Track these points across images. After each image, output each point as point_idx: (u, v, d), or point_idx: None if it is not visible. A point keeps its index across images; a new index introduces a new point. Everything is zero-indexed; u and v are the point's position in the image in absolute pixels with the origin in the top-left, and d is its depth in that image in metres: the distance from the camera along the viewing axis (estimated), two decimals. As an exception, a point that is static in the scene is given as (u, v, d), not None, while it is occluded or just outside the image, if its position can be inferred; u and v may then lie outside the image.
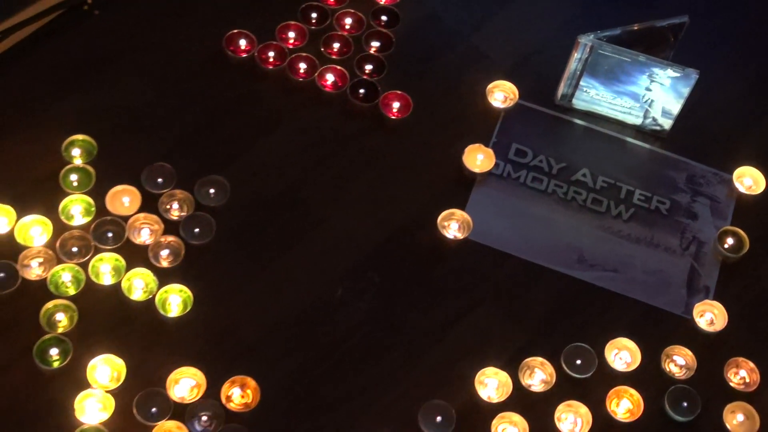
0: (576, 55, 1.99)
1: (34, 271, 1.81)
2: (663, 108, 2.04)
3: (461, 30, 2.19)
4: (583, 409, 1.77)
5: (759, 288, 1.95)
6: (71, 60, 2.05)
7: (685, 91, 1.99)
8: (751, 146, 2.09)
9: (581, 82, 2.03)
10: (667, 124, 2.06)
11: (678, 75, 1.97)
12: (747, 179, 2.04)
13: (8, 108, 1.97)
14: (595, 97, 2.05)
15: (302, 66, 2.07)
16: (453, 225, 1.94)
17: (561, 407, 1.77)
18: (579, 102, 2.08)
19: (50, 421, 1.69)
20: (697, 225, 2.00)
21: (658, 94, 2.02)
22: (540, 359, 1.81)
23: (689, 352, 1.84)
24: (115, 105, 2.01)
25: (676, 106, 2.03)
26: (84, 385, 1.71)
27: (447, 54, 2.16)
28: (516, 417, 1.75)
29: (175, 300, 1.81)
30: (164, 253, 1.85)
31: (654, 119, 2.06)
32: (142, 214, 1.88)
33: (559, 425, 1.76)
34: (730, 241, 1.96)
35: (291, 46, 2.09)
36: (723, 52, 2.21)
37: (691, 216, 2.01)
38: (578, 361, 1.82)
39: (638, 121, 2.08)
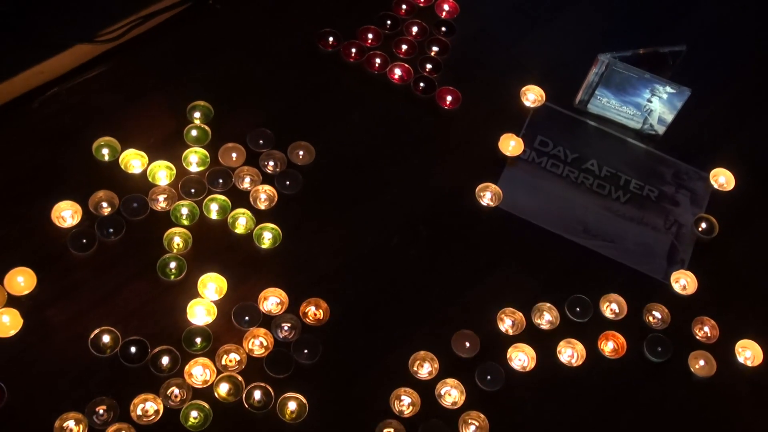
0: (595, 69, 2.02)
1: (160, 204, 1.84)
2: (659, 116, 2.05)
3: (504, 43, 2.19)
4: (579, 346, 1.80)
5: (724, 264, 1.96)
6: (197, 42, 2.06)
7: (679, 104, 2.01)
8: (726, 153, 2.10)
9: (596, 92, 2.05)
10: (661, 129, 2.08)
11: (674, 91, 1.99)
12: (721, 178, 2.06)
13: (147, 77, 1.99)
14: (606, 104, 2.07)
15: (377, 61, 2.08)
16: (487, 195, 1.96)
17: (562, 343, 1.80)
18: (593, 107, 2.09)
19: (167, 320, 1.72)
20: (678, 211, 2.02)
21: (656, 105, 2.03)
22: (548, 305, 1.84)
23: (665, 309, 1.87)
24: (229, 79, 2.02)
25: (670, 116, 2.04)
26: (194, 294, 1.75)
27: (491, 61, 2.16)
28: (527, 347, 1.78)
29: (267, 235, 1.84)
30: (261, 198, 1.88)
31: (651, 125, 2.07)
32: (245, 167, 1.90)
33: (560, 357, 1.79)
34: (703, 225, 1.99)
35: (368, 45, 2.10)
36: (711, 76, 2.21)
37: (674, 203, 2.02)
38: (578, 309, 1.84)
39: (638, 126, 2.09)
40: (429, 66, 2.11)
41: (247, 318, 1.75)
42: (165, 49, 2.04)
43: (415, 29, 2.15)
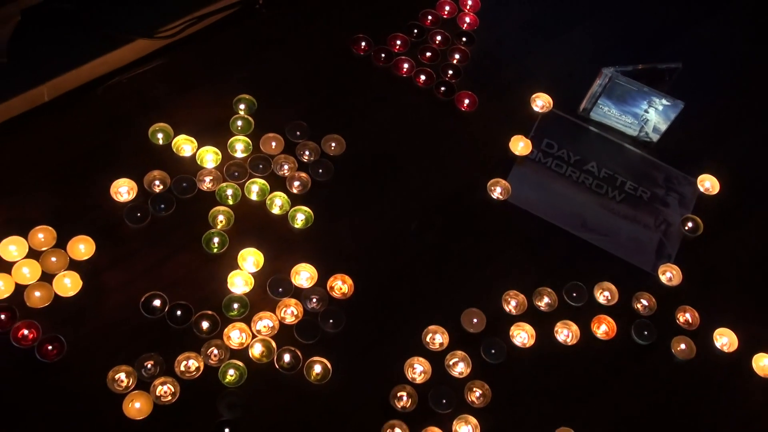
0: (598, 81, 2.02)
1: (206, 184, 1.85)
2: (654, 126, 2.05)
3: (517, 54, 2.19)
4: (574, 327, 1.81)
5: (707, 260, 1.97)
6: (244, 41, 2.07)
7: (673, 115, 2.01)
8: (712, 160, 2.10)
9: (599, 101, 2.04)
10: (655, 137, 2.08)
11: (669, 104, 1.99)
12: (707, 183, 2.06)
13: (198, 71, 2.00)
14: (607, 112, 2.07)
15: (404, 66, 2.08)
16: (497, 189, 1.96)
17: (559, 324, 1.81)
18: (595, 115, 2.09)
19: (209, 288, 1.74)
20: (667, 211, 2.01)
21: (652, 116, 2.03)
22: (548, 289, 1.84)
23: (652, 298, 1.87)
24: (271, 76, 2.02)
25: (664, 126, 2.04)
26: (234, 266, 1.76)
27: (505, 69, 2.16)
28: (527, 326, 1.79)
29: (300, 217, 1.84)
30: (296, 183, 1.88)
31: (647, 133, 2.07)
32: (283, 155, 1.91)
33: (557, 336, 1.80)
34: (690, 224, 1.99)
35: (396, 51, 2.10)
36: (703, 91, 2.19)
37: (664, 204, 2.02)
38: (574, 294, 1.85)
39: (635, 133, 2.09)
40: (450, 72, 2.11)
41: (280, 289, 1.76)
42: (215, 47, 2.04)
43: (438, 38, 2.15)
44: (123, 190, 1.81)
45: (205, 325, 1.70)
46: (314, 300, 1.76)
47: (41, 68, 1.85)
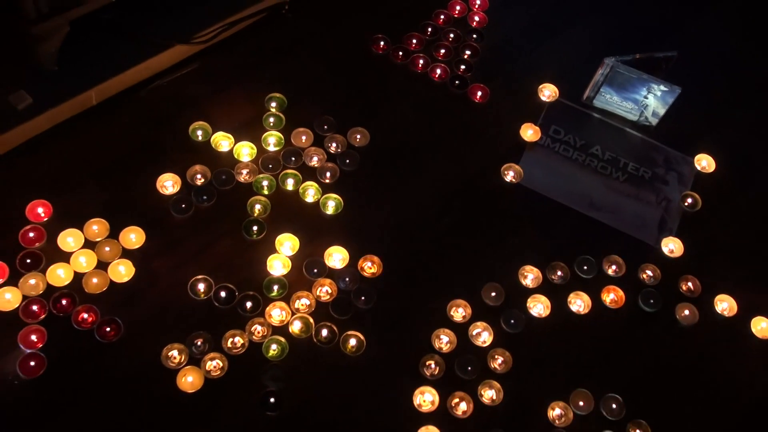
0: (600, 71, 2.02)
1: (243, 177, 1.85)
2: (653, 110, 2.05)
3: (525, 48, 2.19)
4: (586, 297, 1.82)
5: (705, 232, 1.97)
6: (273, 43, 2.06)
7: (670, 100, 2.02)
8: (708, 141, 2.10)
9: (601, 89, 2.05)
10: (654, 121, 2.08)
11: (667, 89, 2.00)
12: (703, 162, 2.07)
13: (232, 72, 2.00)
14: (609, 99, 2.07)
15: (420, 62, 2.09)
16: (510, 173, 1.97)
17: (572, 295, 1.82)
18: (598, 102, 2.09)
19: (250, 271, 1.74)
20: (668, 189, 2.02)
21: (651, 101, 2.04)
22: (561, 263, 1.85)
23: (656, 269, 1.88)
24: (299, 75, 2.02)
25: (662, 110, 2.05)
26: (272, 250, 1.78)
27: (514, 63, 2.16)
28: (543, 298, 1.81)
29: (331, 204, 1.85)
30: (326, 173, 1.89)
31: (646, 117, 2.08)
32: (313, 147, 1.91)
33: (570, 306, 1.81)
34: (689, 200, 2.00)
35: (413, 49, 2.11)
36: (698, 77, 2.19)
37: (664, 182, 2.03)
38: (585, 267, 1.86)
39: (635, 118, 2.09)
40: (463, 67, 2.11)
41: (315, 270, 1.77)
42: (247, 50, 2.04)
43: (451, 36, 2.16)
44: (168, 183, 1.83)
45: (248, 304, 1.71)
46: (347, 279, 1.77)
47: (89, 74, 1.86)
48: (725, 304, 1.88)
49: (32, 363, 1.60)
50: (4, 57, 1.82)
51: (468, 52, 2.14)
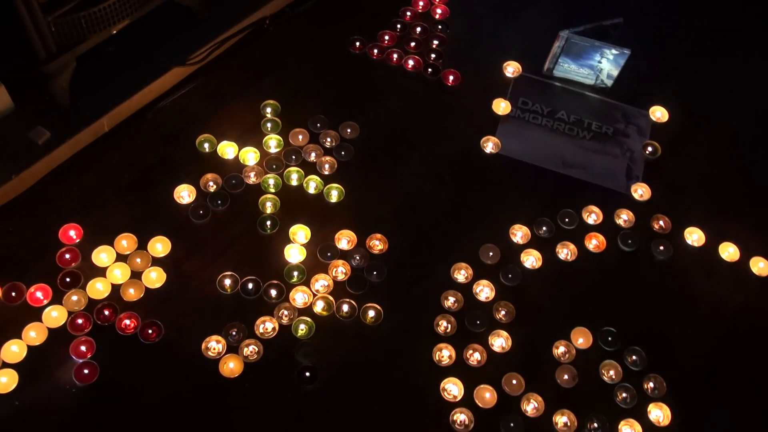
0: (557, 43, 2.03)
1: (251, 179, 1.85)
2: (608, 73, 2.06)
3: (486, 32, 2.19)
4: (572, 246, 1.84)
5: (668, 175, 1.99)
6: (261, 55, 2.05)
7: (621, 62, 2.03)
8: (660, 94, 2.11)
9: (559, 60, 2.06)
10: (610, 83, 2.09)
11: (617, 53, 2.01)
12: (657, 113, 2.08)
13: (227, 86, 1.99)
14: (568, 68, 2.08)
15: (395, 56, 2.08)
16: (489, 145, 1.98)
17: (559, 245, 1.84)
18: (558, 72, 2.10)
19: (271, 262, 1.75)
20: (629, 141, 2.03)
21: (605, 65, 2.05)
22: (545, 219, 1.87)
23: (630, 213, 1.90)
24: (288, 81, 2.02)
25: (615, 72, 2.06)
26: (287, 241, 1.78)
27: (479, 46, 2.16)
28: (534, 252, 1.82)
29: (334, 193, 1.85)
30: (325, 165, 1.89)
31: (602, 80, 2.09)
32: (310, 145, 1.91)
33: (558, 256, 1.82)
34: (649, 149, 2.01)
35: (386, 45, 2.11)
36: (644, 39, 2.20)
37: (626, 136, 2.04)
38: (567, 219, 1.87)
39: (592, 82, 2.10)
40: (433, 55, 2.11)
41: (329, 254, 1.78)
42: (238, 65, 2.04)
43: (419, 29, 2.15)
44: (184, 194, 1.82)
45: (273, 292, 1.71)
46: (358, 258, 1.78)
47: (99, 104, 1.84)
48: (695, 236, 1.90)
49: (86, 371, 1.59)
50: (20, 99, 1.79)
51: (436, 42, 2.14)
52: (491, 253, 1.81)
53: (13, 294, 1.65)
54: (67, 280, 1.68)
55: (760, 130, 2.11)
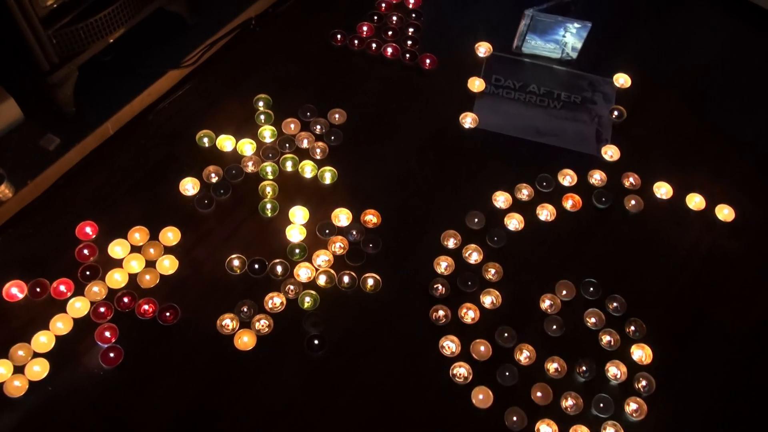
0: (523, 22, 2.03)
1: (250, 168, 1.85)
2: (572, 46, 2.07)
3: (457, 16, 2.18)
4: (550, 207, 1.85)
5: (634, 136, 2.00)
6: (250, 54, 2.05)
7: (584, 35, 2.03)
8: (621, 63, 2.11)
9: (526, 37, 2.06)
10: (574, 55, 2.09)
11: (580, 26, 2.01)
12: (621, 80, 2.08)
13: (221, 85, 1.98)
14: (535, 45, 2.08)
15: (374, 45, 2.08)
16: (468, 120, 1.98)
17: (538, 207, 1.85)
18: (526, 48, 2.10)
19: (274, 242, 1.75)
20: (597, 108, 2.04)
21: (569, 39, 2.05)
22: (525, 184, 1.87)
23: (602, 173, 1.91)
24: (277, 75, 2.01)
25: (579, 44, 2.06)
26: (288, 222, 1.78)
27: (451, 31, 2.15)
28: (516, 215, 1.83)
29: (327, 175, 1.86)
30: (318, 150, 1.89)
31: (567, 53, 2.09)
32: (302, 132, 1.91)
33: (539, 217, 1.84)
34: (616, 113, 2.02)
35: (365, 36, 2.10)
36: (603, 11, 2.21)
37: (593, 103, 2.04)
38: (544, 183, 1.88)
39: (558, 56, 2.10)
40: (410, 42, 2.11)
41: (327, 231, 1.79)
42: (229, 64, 2.03)
43: (394, 19, 2.15)
44: (188, 186, 1.82)
45: (278, 269, 1.72)
46: (354, 233, 1.79)
47: (102, 109, 1.84)
48: (663, 189, 1.91)
49: (111, 354, 1.61)
50: (29, 109, 1.80)
51: (411, 30, 2.14)
52: (476, 219, 1.83)
53: (38, 290, 1.66)
54: (87, 273, 1.69)
55: (711, 81, 2.12)
